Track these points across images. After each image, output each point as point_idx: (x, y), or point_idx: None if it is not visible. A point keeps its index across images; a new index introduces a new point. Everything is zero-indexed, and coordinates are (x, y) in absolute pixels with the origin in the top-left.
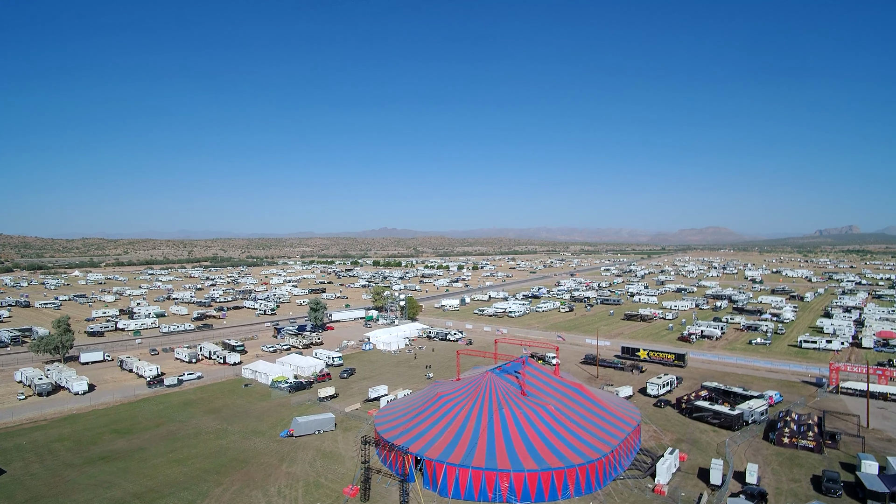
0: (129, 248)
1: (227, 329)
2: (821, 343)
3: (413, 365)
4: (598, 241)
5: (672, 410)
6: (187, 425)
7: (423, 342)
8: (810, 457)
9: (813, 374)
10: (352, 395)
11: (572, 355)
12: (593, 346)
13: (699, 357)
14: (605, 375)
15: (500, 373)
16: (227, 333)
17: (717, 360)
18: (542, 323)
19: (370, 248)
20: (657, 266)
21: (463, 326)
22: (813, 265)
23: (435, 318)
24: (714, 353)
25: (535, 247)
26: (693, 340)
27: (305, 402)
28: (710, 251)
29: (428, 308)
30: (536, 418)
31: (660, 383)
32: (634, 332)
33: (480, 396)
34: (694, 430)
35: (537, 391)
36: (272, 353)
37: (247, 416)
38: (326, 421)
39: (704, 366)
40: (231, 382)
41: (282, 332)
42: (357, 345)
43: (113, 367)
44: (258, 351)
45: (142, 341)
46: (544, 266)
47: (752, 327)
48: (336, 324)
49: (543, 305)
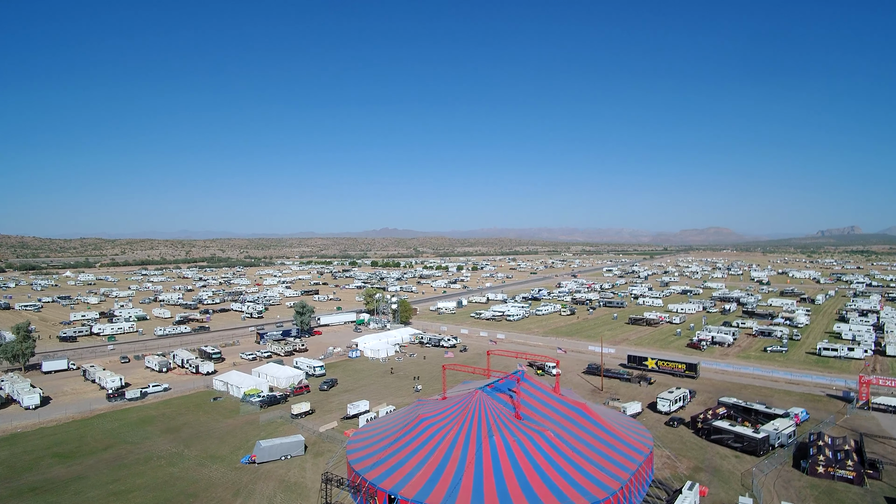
0: (126, 249)
1: (211, 333)
2: (842, 351)
3: (401, 375)
4: (599, 241)
5: (686, 430)
6: (139, 448)
7: (414, 348)
8: (850, 490)
9: (839, 387)
10: (329, 411)
11: (574, 364)
12: (596, 354)
13: (712, 367)
14: (611, 388)
15: (491, 391)
16: (211, 339)
17: (731, 371)
18: (541, 327)
19: (370, 249)
20: (660, 267)
21: (458, 331)
22: (819, 266)
23: (430, 321)
24: (727, 361)
25: (536, 247)
26: (703, 347)
27: (277, 419)
28: (713, 251)
29: (423, 311)
30: (533, 448)
31: (671, 398)
32: (640, 338)
33: (468, 420)
34: (713, 455)
35: (534, 413)
36: (251, 362)
37: (208, 436)
38: (294, 445)
39: (718, 377)
40: (200, 395)
41: (265, 338)
42: (343, 352)
43: (76, 377)
44: (236, 358)
45: (114, 347)
46: (545, 267)
47: (765, 333)
48: (324, 328)
49: (543, 308)
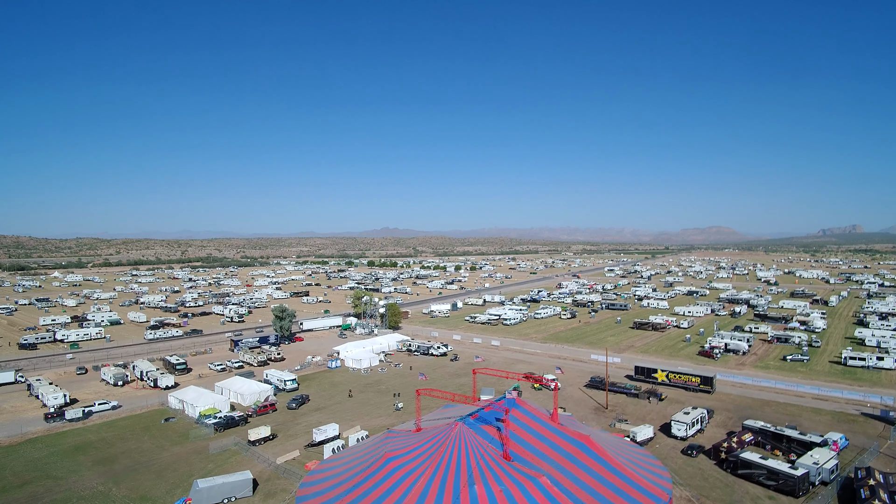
0: (121, 249)
1: (206, 337)
2: (870, 360)
3: (382, 390)
4: (600, 240)
5: (707, 461)
6: (60, 486)
7: (401, 357)
8: None
9: (874, 405)
10: (294, 436)
11: (575, 375)
12: (599, 364)
13: (728, 379)
14: (616, 404)
15: (475, 422)
16: (195, 345)
17: (750, 384)
18: (540, 332)
19: (369, 248)
20: (663, 266)
21: (451, 337)
22: (825, 265)
23: (422, 325)
24: (745, 373)
25: (537, 246)
26: (717, 356)
27: (230, 446)
28: (715, 251)
29: (416, 314)
30: (524, 500)
31: (688, 421)
32: (646, 345)
33: (445, 461)
34: (742, 495)
35: (527, 451)
36: (219, 374)
37: (146, 469)
38: (240, 484)
39: (736, 391)
40: (151, 415)
41: (239, 346)
42: (323, 361)
43: (21, 392)
44: (204, 369)
45: (73, 356)
46: (545, 266)
47: (781, 339)
48: (307, 334)
49: (543, 311)
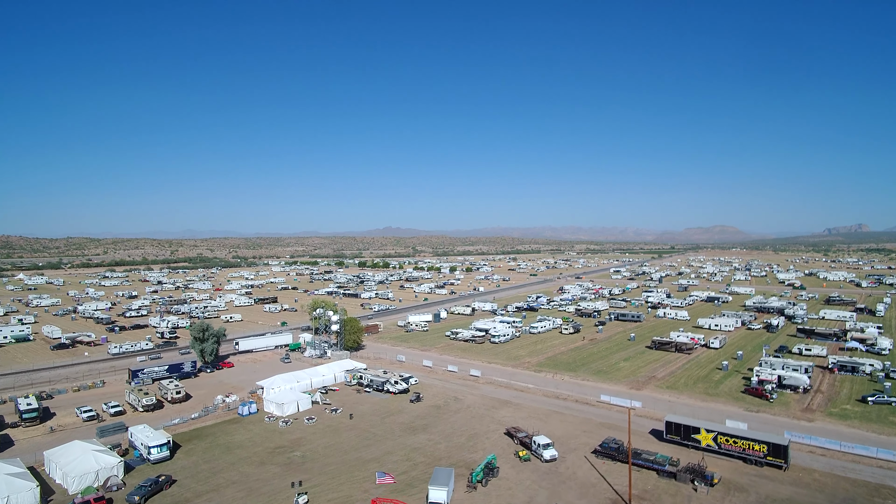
0: (109, 248)
1: (81, 367)
2: None
3: (290, 464)
4: (603, 239)
5: None
6: None
7: (347, 394)
8: None
9: None
10: None
11: (579, 429)
12: (611, 408)
13: (801, 441)
14: (645, 492)
15: None
16: (76, 375)
17: (837, 451)
18: (535, 354)
19: (367, 248)
20: (672, 267)
21: (420, 363)
22: (845, 265)
23: (391, 343)
24: (819, 425)
25: (539, 246)
26: (772, 396)
27: None
28: (722, 250)
29: (389, 326)
30: None
31: None
32: (672, 375)
33: None
34: None
35: None
36: (85, 423)
37: None
38: None
39: (819, 464)
40: None
41: (138, 377)
42: (234, 403)
43: None
44: (69, 416)
45: None
46: (547, 267)
47: (846, 367)
48: (244, 356)
49: (540, 325)
